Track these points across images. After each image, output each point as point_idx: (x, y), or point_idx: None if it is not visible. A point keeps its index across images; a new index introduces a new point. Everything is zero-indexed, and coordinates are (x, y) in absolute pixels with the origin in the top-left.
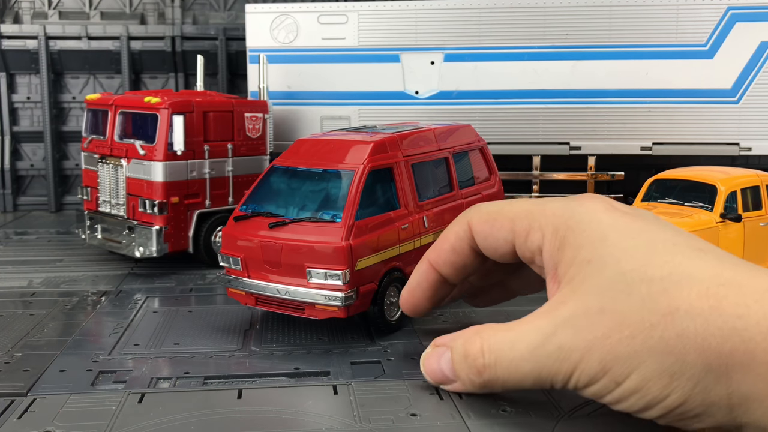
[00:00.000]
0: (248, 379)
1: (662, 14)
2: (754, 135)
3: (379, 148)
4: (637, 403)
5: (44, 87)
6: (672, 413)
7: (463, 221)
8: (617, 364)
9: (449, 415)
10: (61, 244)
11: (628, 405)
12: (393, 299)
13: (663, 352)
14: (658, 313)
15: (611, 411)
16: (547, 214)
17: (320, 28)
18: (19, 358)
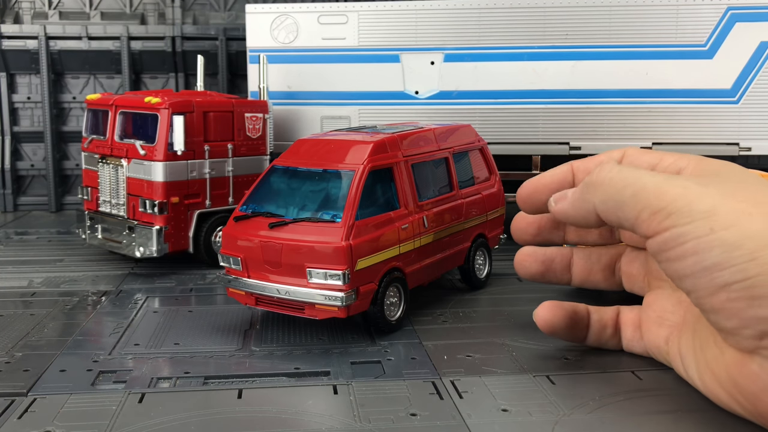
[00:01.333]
0: (248, 379)
1: (662, 14)
2: (754, 135)
3: (379, 148)
4: (718, 255)
5: (44, 87)
6: (743, 283)
7: (621, 150)
8: (726, 214)
9: (449, 415)
10: (61, 244)
11: (703, 258)
12: (393, 299)
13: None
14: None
15: (611, 411)
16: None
17: (320, 28)
18: (20, 358)
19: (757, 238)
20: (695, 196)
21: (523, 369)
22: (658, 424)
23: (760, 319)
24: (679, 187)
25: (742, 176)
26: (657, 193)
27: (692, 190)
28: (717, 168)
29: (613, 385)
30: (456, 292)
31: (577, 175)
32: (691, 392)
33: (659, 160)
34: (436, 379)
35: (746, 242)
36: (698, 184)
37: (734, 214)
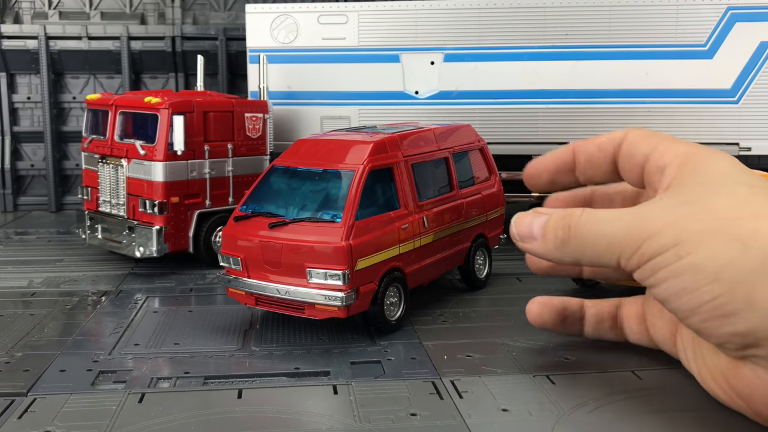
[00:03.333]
0: (248, 379)
1: (662, 14)
2: (754, 135)
3: (379, 148)
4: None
5: (44, 87)
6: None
7: (621, 131)
8: (688, 240)
9: (449, 415)
10: (61, 244)
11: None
12: (393, 299)
13: (733, 238)
14: (747, 212)
15: (611, 411)
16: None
17: (320, 28)
18: (20, 358)
19: (717, 257)
20: (661, 229)
21: (523, 369)
22: (658, 423)
23: (735, 334)
24: (645, 227)
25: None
26: (627, 239)
27: (658, 223)
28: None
29: (613, 385)
30: (456, 292)
31: (577, 157)
32: (691, 392)
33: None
34: (436, 379)
35: (708, 263)
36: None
37: (697, 237)
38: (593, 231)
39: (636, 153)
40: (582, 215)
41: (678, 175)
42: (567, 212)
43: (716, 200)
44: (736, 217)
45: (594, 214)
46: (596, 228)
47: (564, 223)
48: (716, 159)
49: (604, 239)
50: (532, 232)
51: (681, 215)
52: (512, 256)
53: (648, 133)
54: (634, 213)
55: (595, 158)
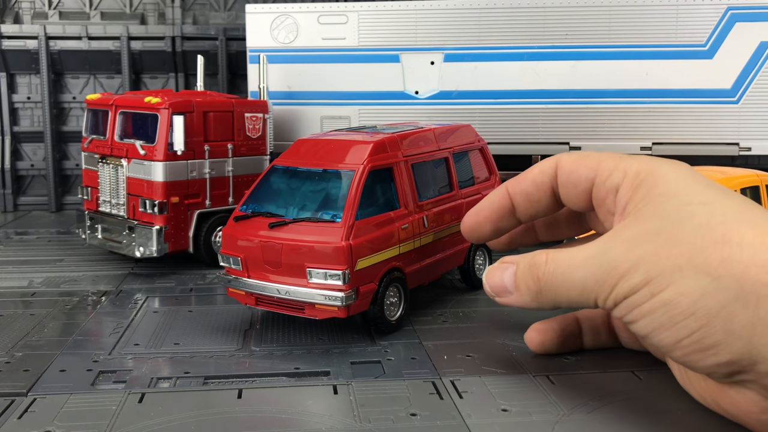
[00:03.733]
0: (248, 379)
1: (662, 14)
2: (754, 135)
3: (379, 148)
4: (662, 317)
5: (44, 87)
6: (690, 337)
7: (552, 159)
8: (659, 277)
9: (449, 415)
10: (61, 244)
11: (652, 319)
12: (393, 299)
13: (703, 272)
14: (711, 240)
15: (611, 411)
16: (635, 161)
17: (320, 28)
18: (20, 358)
19: (689, 292)
20: (629, 270)
21: (523, 369)
22: (658, 423)
23: (720, 364)
24: (613, 271)
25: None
26: (598, 285)
27: (625, 265)
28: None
29: (613, 385)
30: (456, 292)
31: (514, 198)
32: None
33: (596, 173)
34: (436, 379)
35: (681, 299)
36: (629, 249)
37: (666, 274)
38: (563, 281)
39: (578, 181)
40: (547, 265)
41: (633, 198)
42: (533, 262)
43: (678, 230)
44: (701, 248)
45: (560, 261)
46: (565, 277)
47: (532, 275)
48: (668, 175)
49: (576, 287)
50: (504, 285)
51: (646, 253)
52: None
53: (581, 155)
54: (600, 256)
55: (533, 195)
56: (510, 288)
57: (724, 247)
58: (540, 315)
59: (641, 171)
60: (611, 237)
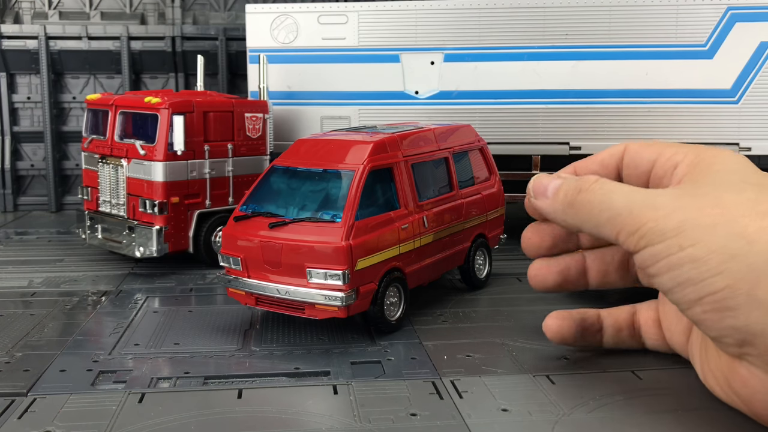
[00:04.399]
0: (248, 379)
1: (662, 14)
2: (754, 135)
3: (379, 148)
4: (689, 272)
5: (44, 87)
6: (713, 296)
7: (619, 144)
8: (692, 230)
9: (449, 415)
10: (61, 244)
11: (677, 274)
12: (393, 299)
13: (738, 234)
14: (753, 210)
15: (611, 411)
16: (694, 147)
17: (320, 28)
18: (20, 358)
19: (721, 251)
20: (665, 215)
21: (523, 369)
22: (657, 423)
23: (735, 328)
24: (650, 209)
25: (730, 178)
26: (630, 217)
27: (663, 209)
28: (711, 164)
29: (613, 385)
30: (456, 292)
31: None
32: (691, 391)
33: (658, 155)
34: (436, 379)
35: (712, 257)
36: (673, 198)
37: (701, 230)
38: (601, 200)
39: (640, 162)
40: (595, 183)
41: (690, 172)
42: (582, 178)
43: (725, 196)
44: (742, 215)
45: (606, 184)
46: (605, 197)
47: (576, 186)
48: (727, 158)
49: (609, 210)
50: (545, 190)
51: (687, 204)
52: (512, 256)
53: (650, 142)
54: (645, 194)
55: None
56: (549, 193)
57: (764, 218)
58: (554, 308)
59: (701, 154)
60: (660, 189)
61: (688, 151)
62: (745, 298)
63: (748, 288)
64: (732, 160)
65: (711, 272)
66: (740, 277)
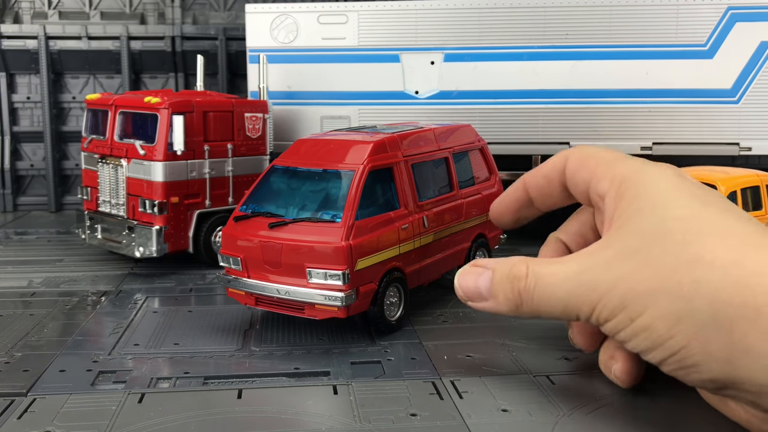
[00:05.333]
0: (248, 379)
1: (662, 14)
2: (754, 135)
3: (379, 148)
4: (644, 341)
5: (44, 87)
6: (673, 357)
7: (563, 154)
8: (634, 302)
9: (449, 415)
10: (61, 244)
11: (636, 343)
12: (393, 299)
13: (676, 295)
14: (683, 260)
15: (611, 411)
16: (624, 167)
17: (320, 28)
18: (19, 358)
19: (666, 317)
20: (607, 293)
21: (523, 369)
22: (658, 423)
23: (703, 381)
24: (591, 292)
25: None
26: (578, 306)
27: (601, 287)
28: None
29: (613, 385)
30: None
31: (530, 191)
32: (691, 391)
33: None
34: (436, 379)
35: (659, 324)
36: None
37: (642, 299)
38: (545, 298)
39: (578, 181)
40: (528, 279)
41: (617, 210)
42: (512, 274)
43: (653, 249)
44: (674, 270)
45: (541, 277)
46: (547, 295)
47: (513, 288)
48: (650, 186)
49: (558, 306)
50: (480, 292)
51: (623, 275)
52: (512, 255)
53: (586, 155)
54: (580, 276)
55: (545, 189)
56: (486, 295)
57: (696, 268)
58: None
59: (626, 180)
60: (593, 254)
61: (613, 177)
62: (701, 356)
63: (701, 347)
64: (655, 187)
65: (663, 338)
66: (691, 336)
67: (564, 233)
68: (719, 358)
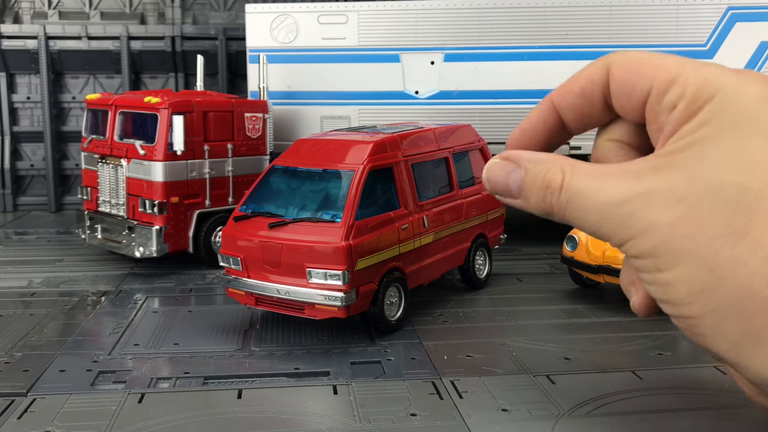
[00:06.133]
0: (248, 379)
1: (662, 14)
2: None
3: (379, 148)
4: (662, 294)
5: (44, 87)
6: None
7: (601, 63)
8: (665, 254)
9: (449, 415)
10: (61, 244)
11: (654, 290)
12: (393, 299)
13: (707, 266)
14: (728, 228)
15: (611, 411)
16: (698, 73)
17: (320, 28)
18: (19, 358)
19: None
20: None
21: (523, 369)
22: (658, 423)
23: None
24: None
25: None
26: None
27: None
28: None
29: (613, 384)
30: (456, 292)
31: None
32: (691, 391)
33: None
34: (436, 379)
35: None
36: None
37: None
38: (577, 216)
39: (632, 92)
40: (562, 195)
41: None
42: (546, 182)
43: (702, 203)
44: (716, 236)
45: (576, 195)
46: (579, 214)
47: (545, 197)
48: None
49: (590, 227)
50: (509, 188)
51: (662, 222)
52: (512, 256)
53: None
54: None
55: (583, 108)
56: (515, 193)
57: (738, 242)
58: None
59: (702, 92)
60: (638, 181)
61: (686, 83)
62: (711, 330)
63: (714, 323)
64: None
65: (681, 301)
66: (708, 311)
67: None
68: (728, 340)
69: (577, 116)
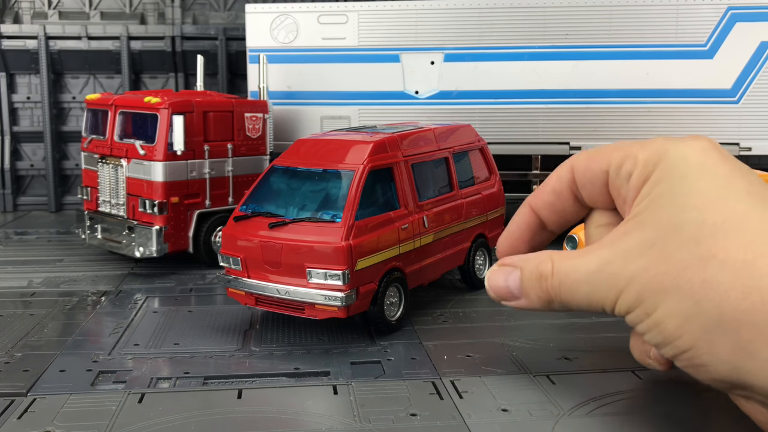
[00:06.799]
0: (248, 379)
1: (662, 14)
2: (754, 135)
3: (379, 148)
4: (656, 336)
5: (44, 87)
6: (682, 355)
7: (566, 163)
8: (649, 298)
9: (449, 415)
10: (61, 244)
11: (651, 337)
12: (393, 299)
13: (685, 295)
14: (695, 256)
15: (611, 411)
16: (645, 146)
17: (320, 28)
18: (19, 358)
19: (676, 315)
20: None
21: (523, 369)
22: (658, 423)
23: (714, 380)
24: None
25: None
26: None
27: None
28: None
29: (613, 384)
30: (456, 292)
31: (540, 214)
32: (691, 391)
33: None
34: (436, 379)
35: (669, 322)
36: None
37: (656, 297)
38: (570, 294)
39: (593, 177)
40: (553, 278)
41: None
42: (539, 272)
43: (669, 243)
44: (686, 266)
45: (564, 275)
46: (572, 291)
47: (541, 286)
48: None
49: (582, 300)
50: (510, 291)
51: (639, 270)
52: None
53: (593, 152)
54: (600, 272)
55: (556, 205)
56: (517, 294)
57: (707, 266)
58: None
59: (650, 160)
60: (611, 245)
61: (637, 154)
62: (708, 357)
63: (708, 347)
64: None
65: (673, 336)
66: (697, 337)
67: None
68: (726, 360)
69: (552, 214)
